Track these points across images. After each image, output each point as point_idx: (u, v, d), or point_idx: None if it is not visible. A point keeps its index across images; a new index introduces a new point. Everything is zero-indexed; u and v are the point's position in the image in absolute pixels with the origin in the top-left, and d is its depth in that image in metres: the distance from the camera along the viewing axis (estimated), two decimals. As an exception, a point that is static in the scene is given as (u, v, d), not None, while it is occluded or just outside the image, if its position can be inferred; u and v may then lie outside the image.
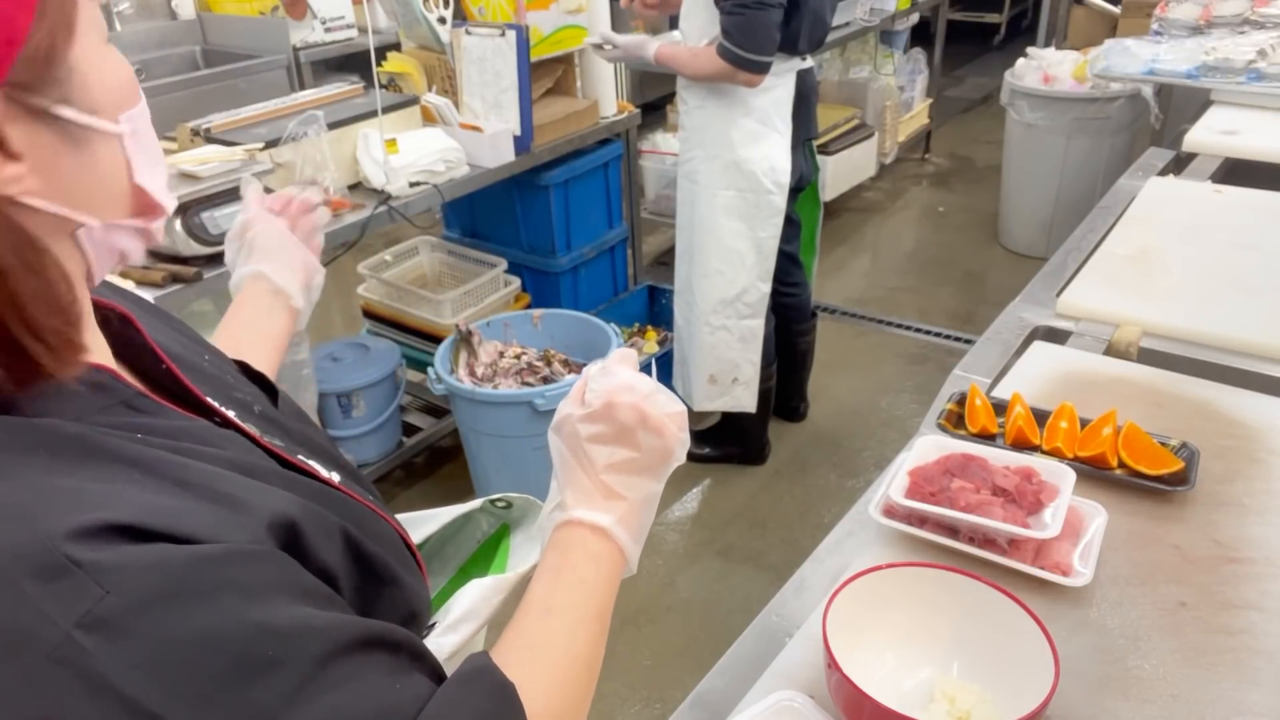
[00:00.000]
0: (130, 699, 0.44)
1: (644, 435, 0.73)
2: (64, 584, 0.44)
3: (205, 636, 0.46)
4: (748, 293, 2.56)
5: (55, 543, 0.45)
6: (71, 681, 0.43)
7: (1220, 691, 0.88)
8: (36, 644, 0.43)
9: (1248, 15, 3.02)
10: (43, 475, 0.49)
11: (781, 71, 2.34)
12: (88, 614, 0.44)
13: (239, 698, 0.46)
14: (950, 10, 5.37)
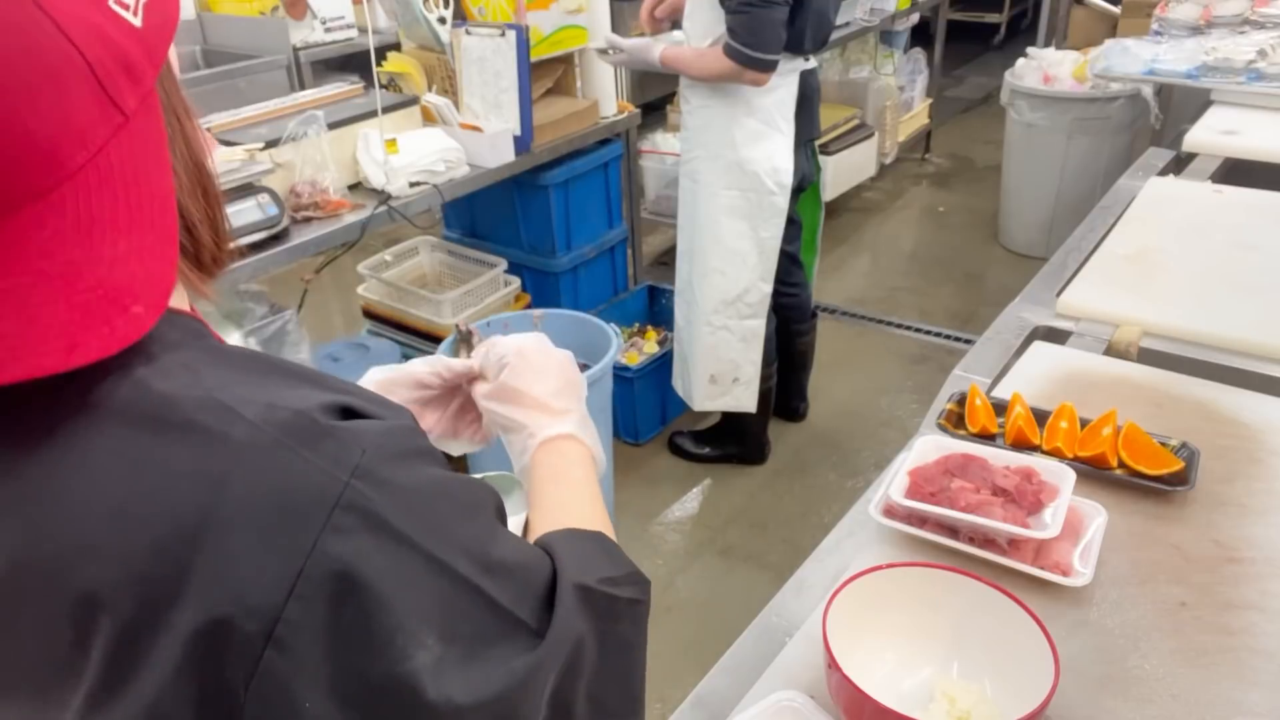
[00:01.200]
0: (400, 533, 0.52)
1: (556, 366, 0.88)
2: (332, 444, 0.52)
3: (433, 483, 0.56)
4: (749, 293, 2.56)
5: (313, 414, 0.53)
6: (361, 522, 0.51)
7: (1220, 691, 0.88)
8: (328, 495, 0.51)
9: (1248, 15, 3.02)
10: (251, 379, 0.55)
11: (785, 71, 2.34)
12: (358, 467, 0.52)
13: (464, 530, 0.56)
14: (950, 10, 5.37)
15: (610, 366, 2.47)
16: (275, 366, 0.58)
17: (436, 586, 0.54)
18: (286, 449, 0.51)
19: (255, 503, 0.50)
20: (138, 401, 0.52)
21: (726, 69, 2.25)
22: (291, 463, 0.51)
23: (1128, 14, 4.38)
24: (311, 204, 2.24)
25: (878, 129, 4.54)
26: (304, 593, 0.49)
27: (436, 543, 0.54)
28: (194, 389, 0.53)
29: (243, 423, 0.51)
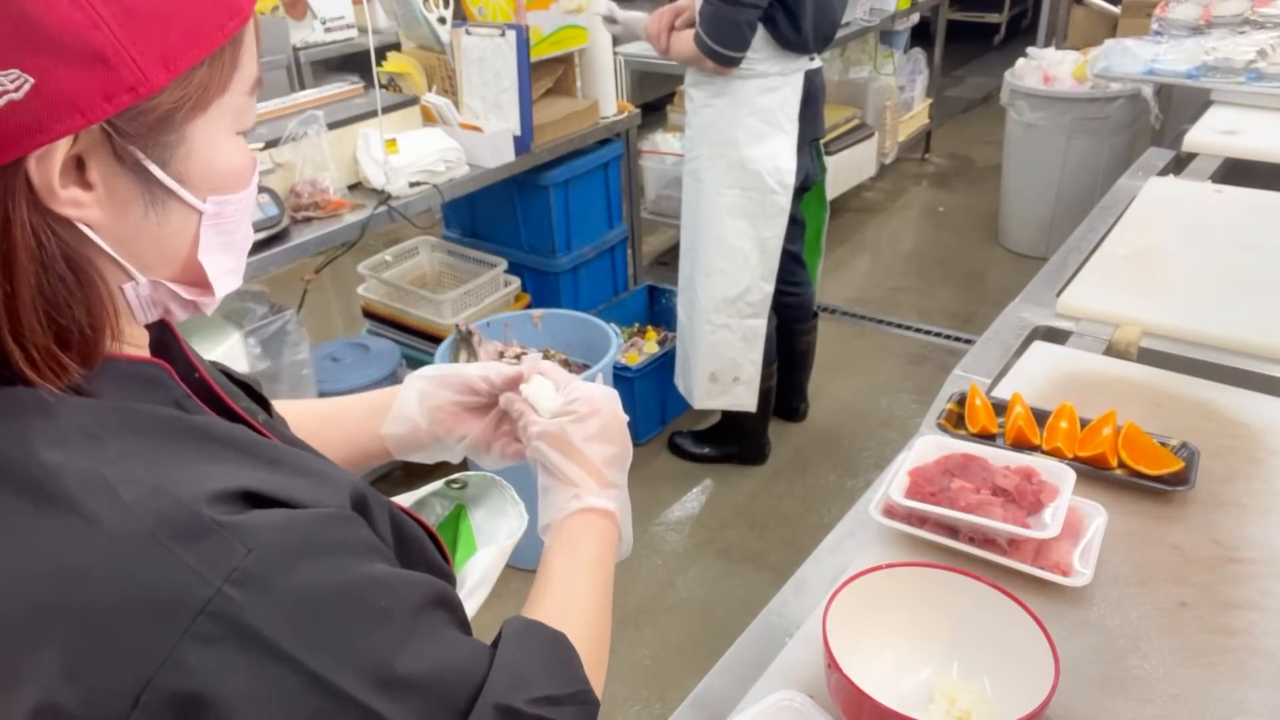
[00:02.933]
0: (276, 647, 0.48)
1: (620, 434, 0.84)
2: (210, 544, 0.48)
3: (333, 589, 0.51)
4: (750, 292, 2.56)
5: (197, 506, 0.49)
6: (227, 632, 0.47)
7: (1220, 691, 0.88)
8: (192, 600, 0.47)
9: (1248, 15, 3.02)
10: (157, 451, 0.52)
11: (789, 71, 2.34)
12: (235, 570, 0.48)
13: (363, 643, 0.52)
14: (950, 10, 5.37)
15: (610, 366, 2.47)
16: (197, 434, 0.55)
17: (314, 707, 0.49)
18: (157, 544, 0.48)
19: (113, 600, 0.46)
20: (21, 465, 0.49)
21: (692, 53, 2.28)
22: (159, 560, 0.47)
23: (1128, 14, 4.38)
24: (311, 204, 2.24)
25: (878, 129, 4.54)
26: (149, 704, 0.45)
27: (322, 657, 0.49)
28: (82, 461, 0.50)
29: (119, 506, 0.48)
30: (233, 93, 0.55)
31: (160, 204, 0.55)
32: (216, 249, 0.59)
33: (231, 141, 0.57)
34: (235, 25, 0.53)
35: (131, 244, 0.55)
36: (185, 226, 0.57)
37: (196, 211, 0.56)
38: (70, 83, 0.47)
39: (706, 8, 2.20)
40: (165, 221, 0.55)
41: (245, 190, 0.59)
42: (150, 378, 0.59)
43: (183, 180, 0.55)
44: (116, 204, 0.53)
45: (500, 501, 0.99)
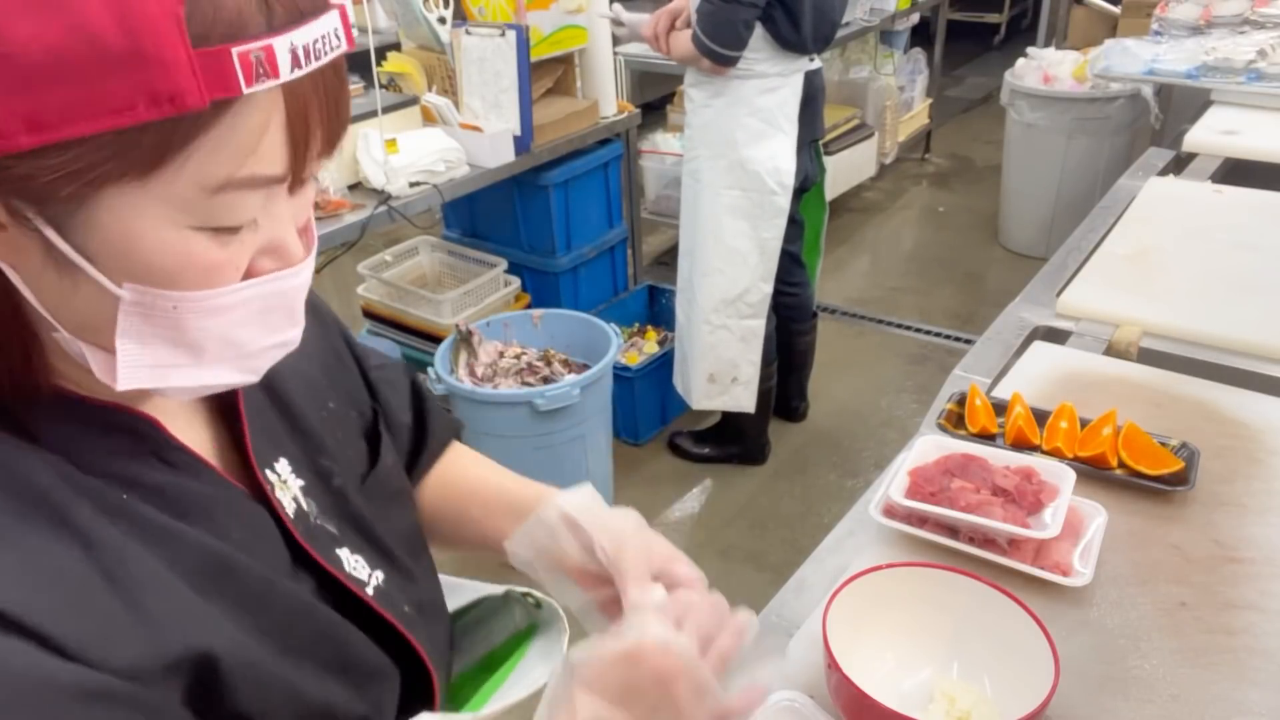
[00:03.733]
0: None
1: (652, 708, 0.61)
2: None
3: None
4: (749, 293, 2.56)
5: None
6: None
7: (1220, 691, 0.88)
8: None
9: (1248, 15, 3.02)
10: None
11: (789, 72, 2.34)
12: None
13: None
14: (950, 10, 5.36)
15: (610, 366, 2.47)
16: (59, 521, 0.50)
17: None
18: None
19: None
20: None
21: (690, 52, 2.28)
22: None
23: (1128, 14, 4.38)
24: (311, 204, 2.24)
25: (878, 129, 4.54)
26: None
27: None
28: None
29: None
30: (166, 184, 0.47)
31: (67, 270, 0.49)
32: (149, 338, 0.51)
33: (168, 234, 0.48)
34: (151, 113, 0.44)
35: (47, 298, 0.50)
36: (100, 304, 0.50)
37: (110, 293, 0.49)
38: None
39: (705, 7, 2.20)
40: (76, 288, 0.49)
41: (199, 289, 0.50)
42: (130, 429, 0.56)
43: (88, 255, 0.48)
44: (21, 254, 0.48)
45: (549, 644, 0.87)
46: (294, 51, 0.47)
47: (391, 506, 0.76)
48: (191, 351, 0.53)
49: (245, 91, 0.45)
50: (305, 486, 0.67)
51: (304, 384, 0.71)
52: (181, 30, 0.43)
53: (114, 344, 0.51)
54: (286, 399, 0.69)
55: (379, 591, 0.69)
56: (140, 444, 0.57)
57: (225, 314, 0.52)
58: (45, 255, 0.48)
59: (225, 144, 0.47)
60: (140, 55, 0.43)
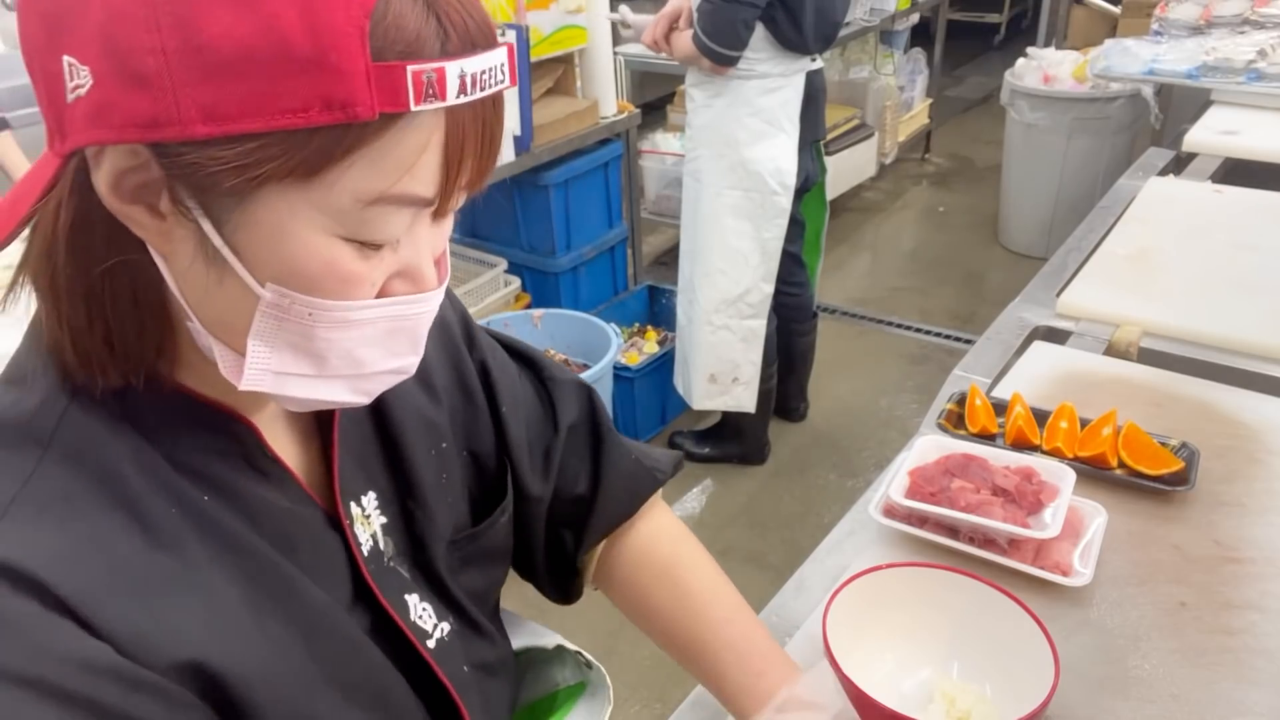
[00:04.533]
0: None
1: None
2: None
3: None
4: (750, 293, 2.56)
5: None
6: None
7: (1220, 691, 0.88)
8: None
9: (1248, 15, 3.02)
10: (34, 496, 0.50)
11: (790, 72, 2.34)
12: None
13: None
14: (950, 10, 5.37)
15: (610, 366, 2.47)
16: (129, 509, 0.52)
17: None
18: None
19: None
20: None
21: (692, 52, 2.28)
22: None
23: (1128, 14, 4.38)
24: (311, 204, 2.24)
25: (878, 129, 4.54)
26: None
27: None
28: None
29: None
30: (323, 190, 0.48)
31: (216, 264, 0.50)
32: (278, 342, 0.52)
33: (316, 238, 0.49)
34: (324, 118, 0.45)
35: (190, 290, 0.52)
36: (241, 301, 0.51)
37: (252, 292, 0.51)
38: (115, 96, 0.45)
39: (705, 6, 2.20)
40: (221, 282, 0.51)
41: (336, 299, 0.51)
42: (230, 431, 0.58)
43: (239, 250, 0.50)
44: (176, 243, 0.50)
45: (594, 709, 0.86)
46: (463, 78, 0.48)
47: (481, 563, 0.75)
48: (315, 362, 0.54)
49: (413, 109, 0.47)
50: (386, 525, 0.67)
51: (420, 422, 0.71)
52: (364, 42, 0.45)
53: (244, 343, 0.52)
54: (395, 433, 0.69)
55: (440, 645, 0.68)
56: (236, 447, 0.58)
57: (354, 329, 0.53)
58: (197, 247, 0.50)
59: (385, 158, 0.48)
60: (321, 61, 0.44)
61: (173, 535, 0.53)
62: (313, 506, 0.62)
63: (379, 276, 0.53)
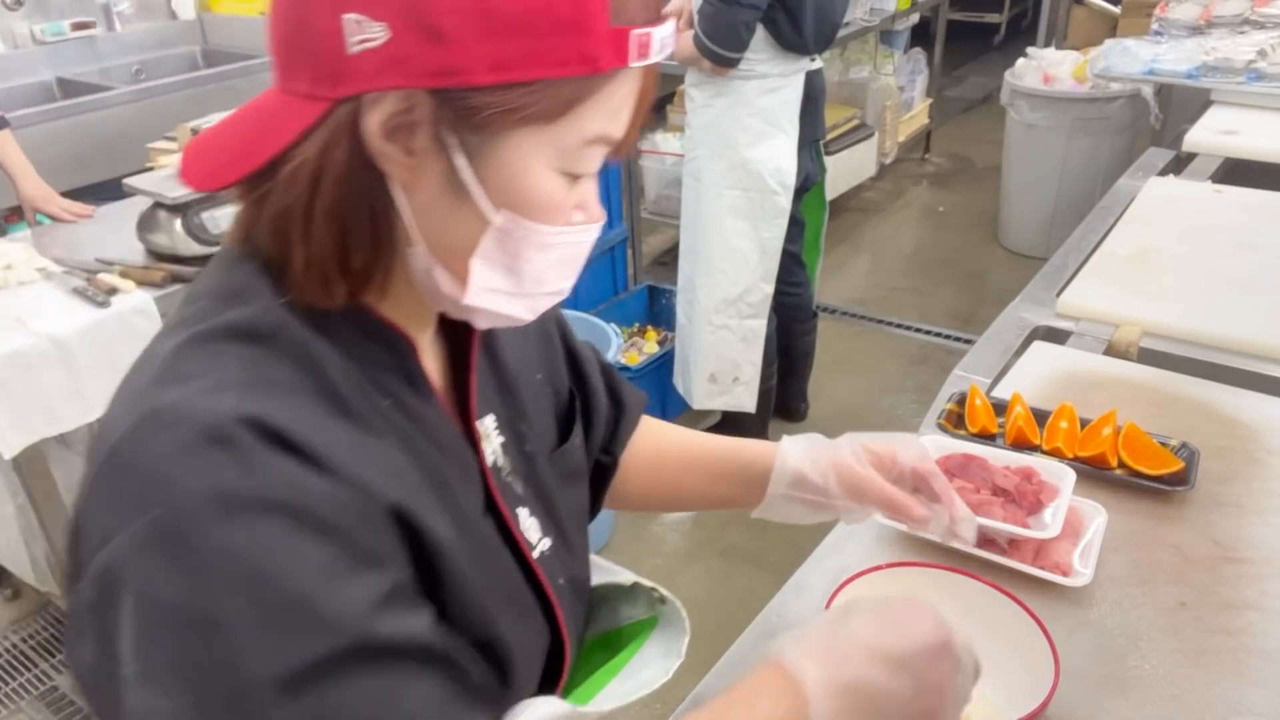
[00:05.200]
0: (205, 576, 0.51)
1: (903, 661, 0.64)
2: (223, 454, 0.53)
3: (263, 557, 0.51)
4: (750, 293, 2.56)
5: (228, 418, 0.53)
6: (173, 542, 0.51)
7: (1220, 691, 0.88)
8: (183, 493, 0.52)
9: (1248, 15, 3.02)
10: (273, 374, 0.58)
11: (790, 72, 2.34)
12: (217, 487, 0.52)
13: (277, 626, 0.51)
14: (950, 10, 5.36)
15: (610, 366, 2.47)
16: (341, 408, 0.60)
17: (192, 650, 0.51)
18: (174, 434, 0.54)
19: (120, 460, 0.55)
20: (193, 321, 0.60)
21: (692, 53, 2.28)
22: (158, 445, 0.54)
23: (1128, 14, 4.38)
24: (311, 204, 2.24)
25: (878, 129, 4.54)
26: None
27: (223, 608, 0.51)
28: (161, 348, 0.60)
29: (175, 391, 0.55)
30: (564, 127, 0.58)
31: (457, 194, 0.59)
32: (493, 263, 0.62)
33: (544, 171, 0.60)
34: (578, 69, 0.56)
35: (425, 218, 0.60)
36: (471, 226, 0.60)
37: (485, 218, 0.60)
38: (410, 48, 0.54)
39: (706, 8, 2.20)
40: (457, 211, 0.60)
41: (545, 224, 0.61)
42: (391, 345, 0.65)
43: (483, 182, 0.59)
44: (423, 176, 0.59)
45: (668, 642, 0.90)
46: (660, 42, 0.59)
47: (569, 483, 0.82)
48: (514, 280, 0.63)
49: (630, 65, 0.58)
50: (504, 444, 0.75)
51: (519, 353, 0.80)
52: (606, 9, 0.56)
53: (463, 265, 0.61)
54: (502, 362, 0.77)
55: (543, 557, 0.75)
56: (401, 365, 0.66)
57: (550, 251, 0.63)
58: (443, 180, 0.59)
59: (605, 104, 0.59)
60: (579, 23, 0.55)
61: (368, 422, 0.60)
62: (451, 425, 0.70)
63: (572, 206, 0.63)
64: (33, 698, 2.16)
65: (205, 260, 2.03)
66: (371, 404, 0.62)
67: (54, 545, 1.97)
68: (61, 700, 2.16)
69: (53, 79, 3.29)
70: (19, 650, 2.29)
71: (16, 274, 1.92)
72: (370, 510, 0.56)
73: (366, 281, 0.62)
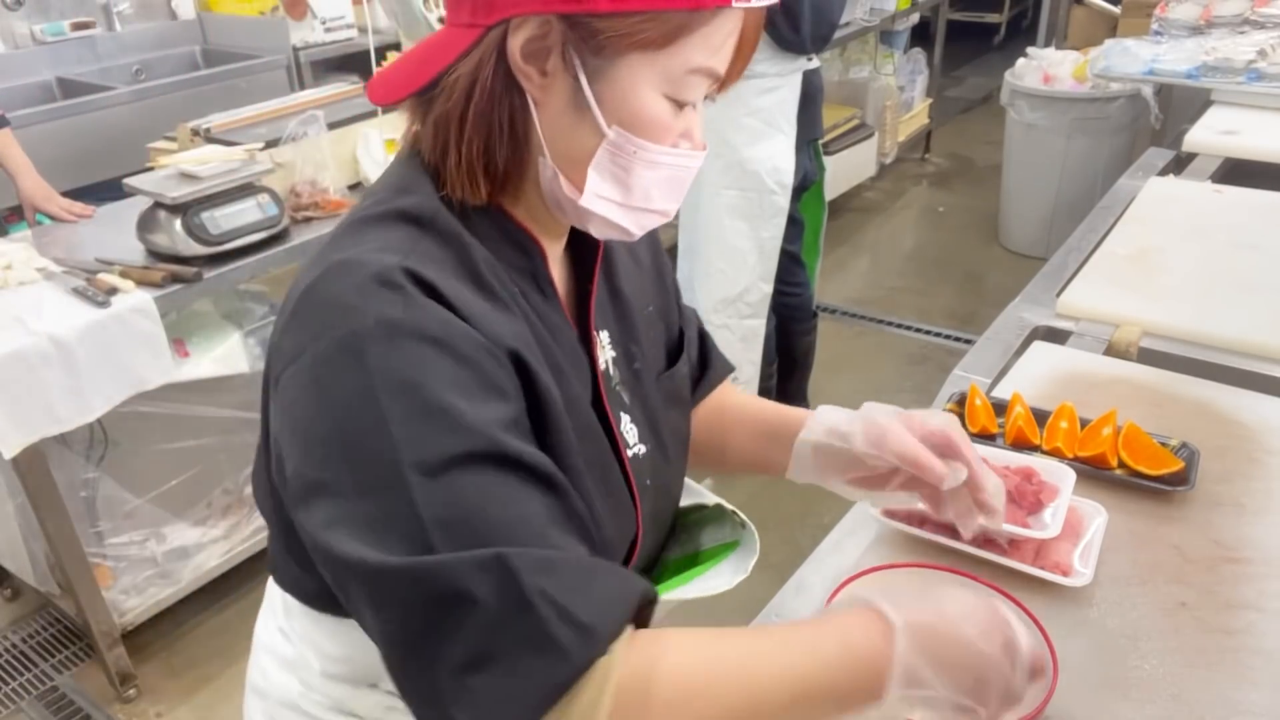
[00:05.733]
0: (380, 379, 0.63)
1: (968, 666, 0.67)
2: (390, 293, 0.65)
3: (416, 372, 0.63)
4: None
5: (395, 267, 0.66)
6: (349, 354, 0.64)
7: (1220, 691, 0.88)
8: (359, 319, 0.64)
9: (1248, 15, 3.02)
10: (436, 251, 0.70)
11: (787, 72, 2.34)
12: (384, 316, 0.64)
13: (424, 424, 0.62)
14: (950, 10, 5.37)
15: (610, 366, 2.47)
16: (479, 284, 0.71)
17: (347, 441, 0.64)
18: (363, 275, 0.66)
19: (313, 299, 0.69)
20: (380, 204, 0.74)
21: None
22: (345, 284, 0.67)
23: (1128, 14, 4.38)
24: (311, 204, 2.24)
25: (878, 129, 4.54)
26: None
27: (395, 404, 0.63)
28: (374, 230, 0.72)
29: (358, 246, 0.69)
30: (671, 55, 0.67)
31: (579, 110, 0.69)
32: (606, 173, 0.71)
33: (652, 94, 0.69)
34: (685, 3, 0.65)
35: (552, 130, 0.70)
36: (589, 139, 0.70)
37: (601, 132, 0.69)
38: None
39: None
40: (578, 125, 0.70)
41: (653, 142, 0.70)
42: (520, 243, 0.76)
43: (599, 100, 0.68)
44: (553, 93, 0.69)
45: (741, 561, 0.98)
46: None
47: (673, 406, 0.92)
48: (624, 192, 0.73)
49: (734, 5, 0.67)
50: (615, 358, 0.84)
51: (636, 284, 0.90)
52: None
53: (581, 174, 0.71)
54: (619, 288, 0.87)
55: (635, 458, 0.84)
56: (530, 266, 0.77)
57: (656, 169, 0.72)
58: (568, 97, 0.69)
59: (708, 39, 0.68)
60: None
61: (500, 302, 0.72)
62: (571, 326, 0.80)
63: (678, 132, 0.72)
64: (32, 698, 2.16)
65: (205, 260, 2.03)
66: (505, 289, 0.73)
67: (54, 545, 1.97)
68: (61, 700, 2.16)
69: (53, 79, 3.29)
70: (19, 650, 2.29)
71: (16, 274, 1.92)
72: (499, 355, 0.67)
73: (506, 183, 0.73)
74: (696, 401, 1.02)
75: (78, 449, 2.04)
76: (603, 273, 0.85)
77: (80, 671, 2.24)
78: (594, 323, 0.82)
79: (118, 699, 2.15)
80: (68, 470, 2.02)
